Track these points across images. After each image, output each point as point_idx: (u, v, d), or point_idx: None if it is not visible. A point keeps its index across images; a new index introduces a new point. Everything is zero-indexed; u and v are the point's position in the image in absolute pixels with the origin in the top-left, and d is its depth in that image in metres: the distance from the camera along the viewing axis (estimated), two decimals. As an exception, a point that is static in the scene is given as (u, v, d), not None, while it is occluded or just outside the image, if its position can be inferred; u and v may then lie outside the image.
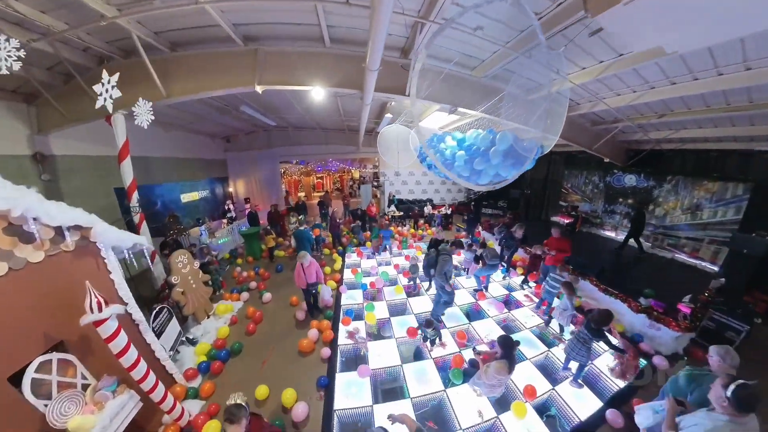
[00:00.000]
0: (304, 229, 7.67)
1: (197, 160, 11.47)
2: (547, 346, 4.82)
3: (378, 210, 10.81)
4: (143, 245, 3.34)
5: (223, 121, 9.96)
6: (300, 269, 4.97)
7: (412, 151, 8.23)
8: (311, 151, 12.76)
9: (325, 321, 5.22)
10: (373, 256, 8.66)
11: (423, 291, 6.73)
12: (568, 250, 6.36)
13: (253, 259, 8.34)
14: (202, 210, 11.62)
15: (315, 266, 5.11)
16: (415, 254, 8.92)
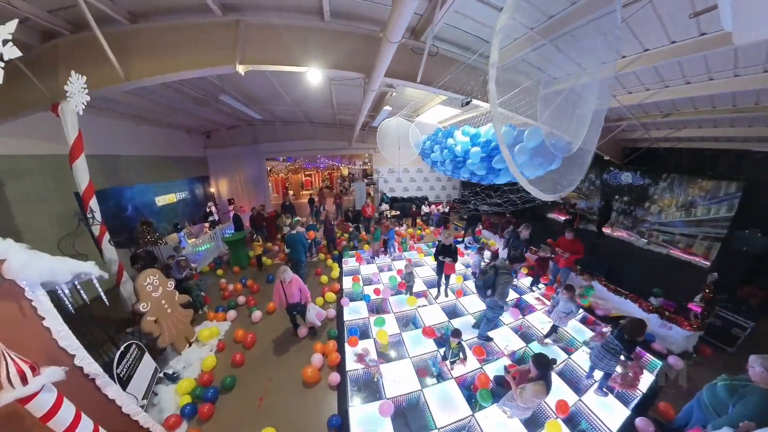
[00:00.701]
0: (296, 232, 6.90)
1: (174, 158, 10.39)
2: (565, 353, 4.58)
3: (374, 210, 10.09)
4: (91, 274, 2.55)
5: (202, 113, 8.96)
6: (279, 288, 4.29)
7: (412, 146, 7.61)
8: (300, 147, 11.88)
9: (330, 342, 4.56)
10: (372, 260, 8.02)
11: (432, 299, 6.19)
12: (581, 252, 6.07)
13: (239, 268, 7.49)
14: (181, 213, 10.59)
15: (297, 283, 4.41)
16: (416, 256, 8.37)
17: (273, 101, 7.60)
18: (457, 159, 5.57)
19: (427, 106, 8.15)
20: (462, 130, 5.75)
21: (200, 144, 11.94)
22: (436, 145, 6.53)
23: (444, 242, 5.62)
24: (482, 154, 4.84)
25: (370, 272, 7.32)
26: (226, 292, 6.20)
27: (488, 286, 4.43)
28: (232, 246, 7.47)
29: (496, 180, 5.04)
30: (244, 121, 10.55)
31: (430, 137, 7.20)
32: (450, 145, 5.82)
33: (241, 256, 7.55)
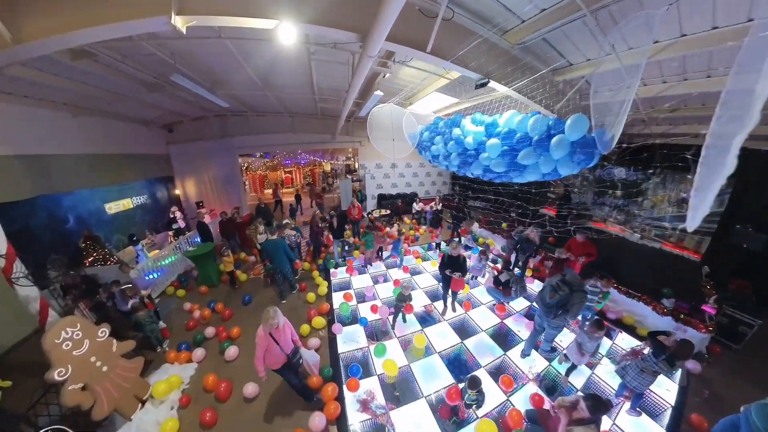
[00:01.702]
0: (277, 237, 5.86)
1: (127, 157, 8.88)
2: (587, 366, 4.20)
3: (361, 211, 9.08)
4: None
5: (157, 101, 7.57)
6: (267, 340, 2.86)
7: (406, 138, 6.69)
8: (277, 141, 10.60)
9: (330, 385, 3.62)
10: (365, 269, 7.11)
11: (439, 316, 5.40)
12: (594, 255, 5.59)
13: (208, 288, 6.33)
14: (140, 221, 9.16)
15: (289, 327, 3.24)
16: (413, 261, 7.53)
17: (239, 83, 6.34)
18: (467, 152, 4.72)
19: (422, 94, 7.25)
20: (472, 119, 4.90)
21: (161, 139, 10.40)
22: (437, 137, 5.65)
23: (451, 253, 4.80)
24: (503, 147, 4.01)
25: (363, 284, 6.40)
26: (190, 321, 5.07)
27: (561, 305, 3.74)
28: (198, 261, 6.26)
29: (519, 178, 4.25)
30: (211, 111, 9.17)
31: (429, 128, 6.31)
32: (456, 136, 4.96)
33: (209, 273, 6.37)
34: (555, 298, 3.75)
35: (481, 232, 10.15)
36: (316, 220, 7.14)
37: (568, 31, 3.99)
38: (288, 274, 5.77)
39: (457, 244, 4.79)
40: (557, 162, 3.70)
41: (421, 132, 6.29)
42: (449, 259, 4.83)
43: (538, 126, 3.73)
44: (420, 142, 6.30)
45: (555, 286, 3.80)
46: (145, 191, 9.51)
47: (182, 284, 6.57)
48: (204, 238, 7.39)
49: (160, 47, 4.52)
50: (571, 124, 3.36)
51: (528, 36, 4.06)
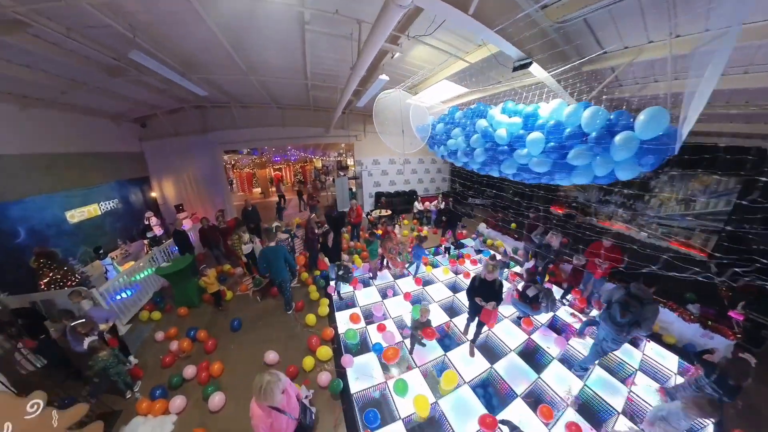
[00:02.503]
0: (277, 244, 5.06)
1: (92, 156, 7.78)
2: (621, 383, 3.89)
3: (361, 213, 8.22)
4: None
5: (122, 89, 6.52)
6: (268, 417, 2.02)
7: (413, 131, 5.92)
8: (264, 136, 9.57)
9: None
10: (370, 281, 6.33)
11: (460, 335, 4.72)
12: (620, 260, 4.94)
13: (188, 309, 5.42)
14: (111, 230, 8.09)
15: (293, 389, 2.41)
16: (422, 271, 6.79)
17: (218, 65, 5.31)
18: (498, 148, 3.98)
19: (430, 82, 6.44)
20: (502, 108, 4.14)
21: (133, 135, 9.26)
22: (455, 129, 4.89)
23: (485, 277, 3.90)
24: (550, 144, 3.29)
25: (370, 300, 5.64)
26: (167, 355, 4.20)
27: (634, 322, 3.30)
28: (173, 279, 5.30)
29: (565, 181, 3.55)
30: (188, 102, 8.11)
31: (443, 119, 5.54)
32: (483, 128, 4.20)
33: (188, 292, 5.43)
34: (627, 317, 3.26)
35: (489, 232, 9.51)
36: (312, 225, 6.28)
37: (617, 12, 3.28)
38: (287, 287, 5.13)
39: (494, 267, 3.87)
40: (618, 164, 3.01)
41: (433, 124, 5.51)
42: (482, 283, 3.97)
43: (596, 119, 3.02)
44: (433, 136, 5.53)
45: (624, 303, 3.32)
46: (115, 195, 8.41)
47: (158, 305, 5.65)
48: (183, 249, 6.42)
49: (116, 17, 3.58)
50: (646, 120, 2.67)
51: (571, 14, 3.32)
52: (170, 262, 5.42)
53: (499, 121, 4.01)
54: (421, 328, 4.01)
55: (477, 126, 4.31)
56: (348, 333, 4.44)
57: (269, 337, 4.58)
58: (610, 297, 3.70)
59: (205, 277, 4.89)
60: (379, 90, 5.49)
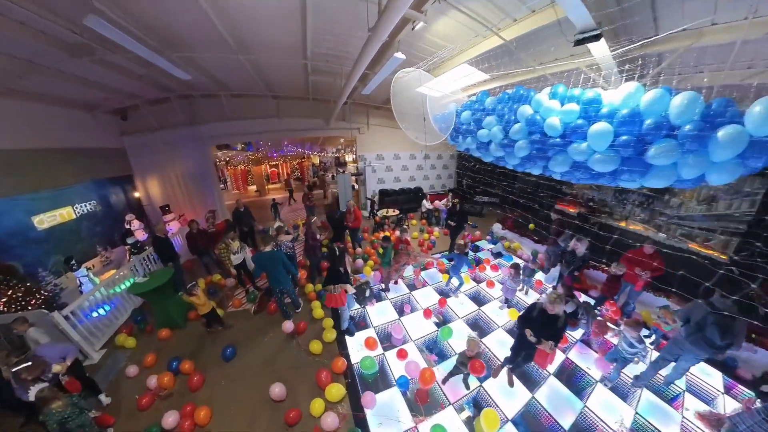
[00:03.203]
0: (273, 248, 4.34)
1: (63, 153, 6.90)
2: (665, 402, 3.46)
3: (360, 217, 7.23)
4: None
5: (91, 73, 5.66)
6: None
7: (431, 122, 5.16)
8: (258, 128, 8.68)
9: None
10: (382, 293, 5.56)
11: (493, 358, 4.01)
12: (662, 268, 4.47)
13: (170, 331, 4.56)
14: (88, 235, 7.25)
15: None
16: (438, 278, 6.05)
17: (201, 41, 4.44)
18: (548, 141, 3.22)
19: (447, 65, 5.65)
20: (551, 92, 3.37)
21: (113, 129, 8.36)
22: (488, 117, 4.11)
23: (546, 308, 3.03)
24: (621, 137, 2.55)
25: (384, 318, 4.86)
26: (143, 395, 3.42)
27: (726, 337, 2.83)
28: (151, 298, 4.46)
29: (633, 183, 2.81)
30: (172, 90, 7.21)
31: (469, 106, 4.76)
32: (527, 116, 3.43)
33: (170, 312, 4.59)
34: (727, 338, 2.79)
35: (504, 233, 8.79)
36: (313, 231, 5.48)
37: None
38: (291, 291, 4.69)
39: (557, 297, 2.99)
40: (715, 165, 2.28)
41: (458, 112, 4.73)
42: (541, 315, 3.09)
43: (693, 109, 2.27)
44: (459, 126, 4.76)
45: (721, 323, 2.76)
46: (92, 196, 7.55)
47: (138, 324, 4.85)
48: (164, 258, 5.58)
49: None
50: (764, 111, 1.93)
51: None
52: (147, 277, 4.57)
53: (548, 108, 3.24)
54: (467, 362, 3.29)
55: (519, 114, 3.53)
56: (365, 362, 3.69)
57: (269, 369, 3.83)
58: (688, 315, 3.14)
59: (194, 297, 4.08)
60: (392, 71, 4.69)
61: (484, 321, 4.90)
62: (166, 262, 5.37)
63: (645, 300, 5.12)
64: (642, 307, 5.03)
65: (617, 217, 8.52)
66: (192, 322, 4.83)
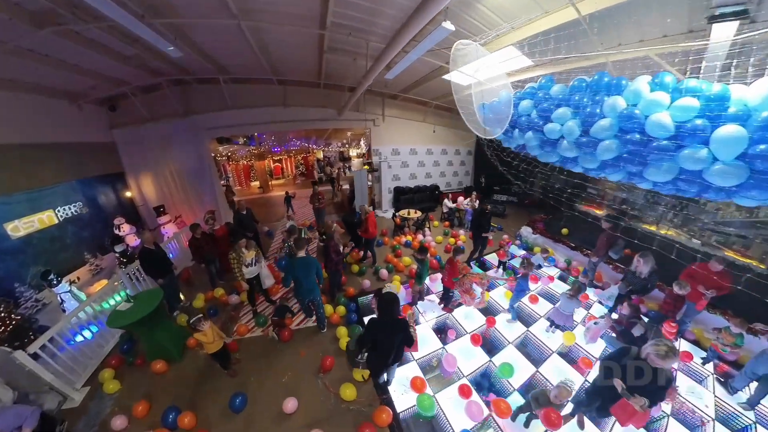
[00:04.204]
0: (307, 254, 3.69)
1: (42, 148, 6.05)
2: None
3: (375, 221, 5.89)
4: None
5: (68, 53, 4.81)
6: None
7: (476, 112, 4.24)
8: (262, 118, 7.70)
9: None
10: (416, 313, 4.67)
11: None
12: (728, 287, 3.86)
13: (165, 364, 3.71)
14: (75, 242, 6.44)
15: None
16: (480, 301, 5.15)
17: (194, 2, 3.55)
18: (651, 143, 2.33)
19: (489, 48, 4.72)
20: (655, 82, 2.45)
21: (101, 121, 7.49)
22: (560, 109, 3.21)
23: (655, 362, 2.17)
24: (758, 146, 1.67)
25: (427, 348, 3.96)
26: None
27: None
28: (137, 330, 3.63)
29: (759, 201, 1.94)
30: (164, 74, 6.27)
31: (529, 94, 3.84)
32: (621, 111, 2.52)
33: (162, 343, 3.74)
34: None
35: (536, 239, 7.87)
36: (336, 244, 4.58)
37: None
38: (320, 304, 4.08)
39: (669, 350, 2.13)
40: None
41: (515, 101, 3.79)
42: (637, 363, 2.27)
43: None
44: (518, 118, 3.85)
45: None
46: (78, 197, 6.71)
47: (126, 356, 4.02)
48: (154, 272, 4.58)
49: None
50: None
51: None
52: (130, 301, 3.64)
53: (653, 101, 2.34)
54: (543, 408, 2.47)
55: (608, 107, 2.63)
56: (423, 402, 2.93)
57: (292, 422, 3.02)
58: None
59: (200, 334, 3.13)
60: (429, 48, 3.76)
61: (534, 345, 4.12)
62: (157, 277, 4.50)
63: (700, 318, 4.35)
64: (695, 326, 4.36)
65: (648, 220, 7.65)
66: (191, 350, 4.00)
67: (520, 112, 3.85)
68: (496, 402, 3.08)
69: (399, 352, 2.71)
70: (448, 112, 10.57)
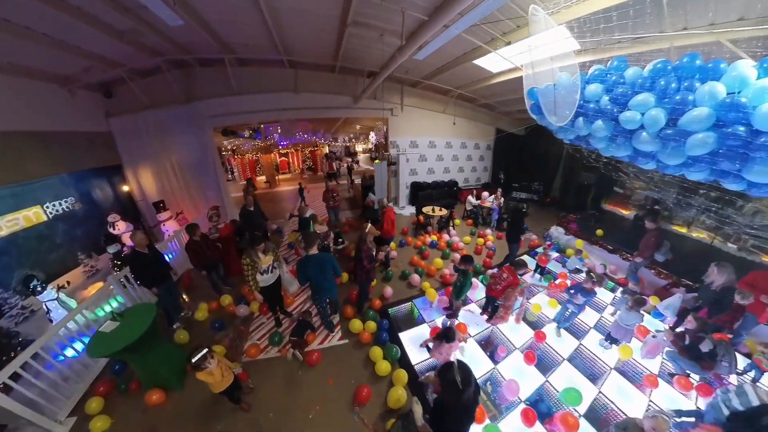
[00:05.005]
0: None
1: (29, 137, 5.42)
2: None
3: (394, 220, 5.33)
4: None
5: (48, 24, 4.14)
6: None
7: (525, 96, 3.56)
8: (270, 105, 6.91)
9: None
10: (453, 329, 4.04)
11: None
12: None
13: (163, 394, 3.09)
14: (66, 241, 5.86)
15: None
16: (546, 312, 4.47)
17: None
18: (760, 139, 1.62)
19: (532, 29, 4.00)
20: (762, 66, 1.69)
21: (96, 108, 6.83)
22: (639, 96, 2.52)
23: None
24: None
25: (481, 368, 3.26)
26: None
27: None
28: (129, 358, 3.00)
29: None
30: (164, 54, 5.55)
31: (598, 77, 3.14)
32: (722, 99, 1.82)
33: (158, 370, 3.06)
34: None
35: (569, 240, 7.16)
36: (369, 248, 3.83)
37: None
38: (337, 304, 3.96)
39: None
40: None
41: (581, 85, 3.05)
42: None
43: None
44: (584, 104, 3.16)
45: None
46: (70, 191, 6.09)
47: (117, 379, 3.41)
48: (148, 281, 3.87)
49: None
50: None
51: None
52: (116, 319, 2.92)
53: (765, 88, 1.63)
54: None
55: (702, 94, 1.99)
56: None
57: None
58: None
59: (206, 373, 2.43)
60: (480, 19, 3.07)
61: (590, 361, 3.63)
62: (152, 286, 3.85)
63: (756, 330, 3.85)
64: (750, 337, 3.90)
65: (678, 222, 6.97)
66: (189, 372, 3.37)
67: (586, 98, 3.17)
68: (563, 418, 2.69)
69: None
70: (470, 103, 9.81)
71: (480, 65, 6.02)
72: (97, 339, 2.77)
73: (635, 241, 5.18)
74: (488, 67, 6.23)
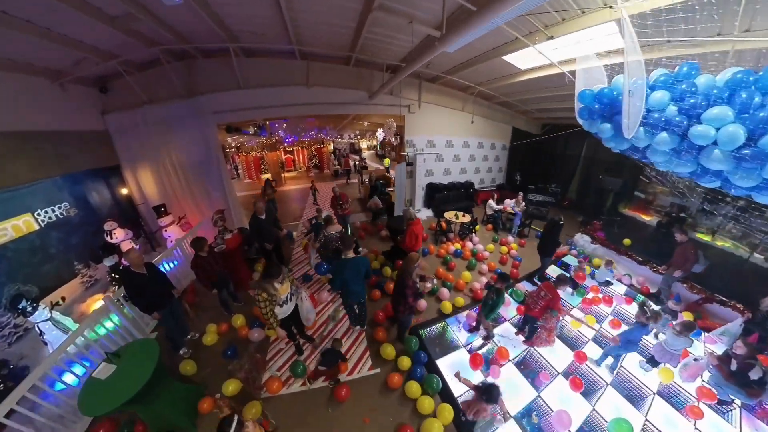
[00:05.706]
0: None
1: (16, 137, 4.89)
2: None
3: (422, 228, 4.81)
4: None
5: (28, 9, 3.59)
6: None
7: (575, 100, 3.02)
8: (279, 100, 6.32)
9: None
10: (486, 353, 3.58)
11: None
12: None
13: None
14: (61, 251, 5.41)
15: None
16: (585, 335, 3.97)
17: None
18: None
19: (578, 24, 3.46)
20: None
21: (91, 105, 6.30)
22: (716, 108, 2.05)
23: None
24: None
25: (519, 398, 2.95)
26: None
27: None
28: (130, 408, 2.34)
29: None
30: (162, 43, 4.96)
31: (664, 83, 2.59)
32: None
33: (166, 414, 2.58)
34: None
35: (595, 249, 6.64)
36: (415, 282, 3.22)
37: None
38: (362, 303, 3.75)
39: None
40: None
41: (647, 91, 2.50)
42: None
43: None
44: (647, 113, 2.65)
45: None
46: (63, 196, 5.61)
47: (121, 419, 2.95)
48: (147, 305, 3.29)
49: None
50: None
51: None
52: (112, 361, 2.42)
53: None
54: None
55: None
56: None
57: None
58: None
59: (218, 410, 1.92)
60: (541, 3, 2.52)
61: (631, 385, 3.36)
62: (152, 310, 3.34)
63: None
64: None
65: (701, 230, 6.61)
66: (206, 416, 2.91)
67: (651, 106, 2.65)
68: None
69: None
70: (488, 101, 9.21)
71: (509, 61, 5.45)
72: (91, 388, 2.28)
73: (660, 251, 4.79)
74: (517, 63, 5.65)
